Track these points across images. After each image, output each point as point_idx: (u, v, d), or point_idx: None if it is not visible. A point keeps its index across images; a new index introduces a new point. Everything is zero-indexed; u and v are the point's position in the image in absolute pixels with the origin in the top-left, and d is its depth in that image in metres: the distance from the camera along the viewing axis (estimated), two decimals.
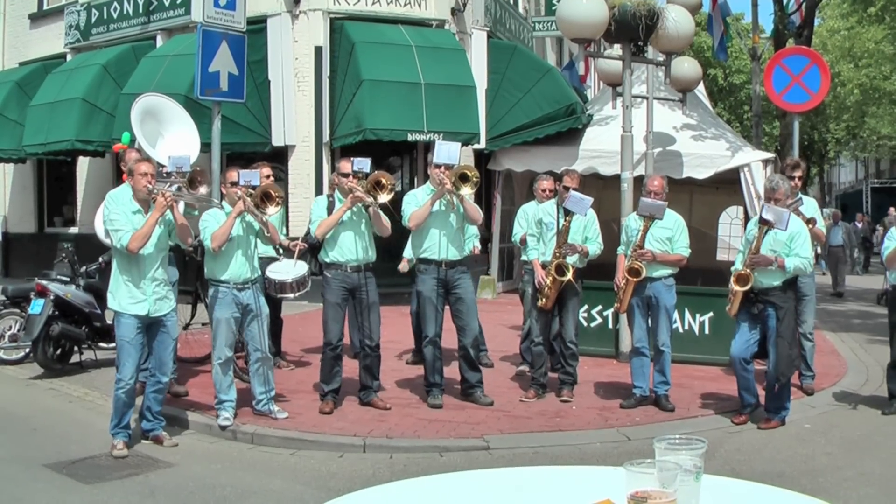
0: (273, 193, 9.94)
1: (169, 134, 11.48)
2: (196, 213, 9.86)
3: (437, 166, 10.51)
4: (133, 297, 9.04)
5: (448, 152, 10.51)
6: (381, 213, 10.37)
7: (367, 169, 10.47)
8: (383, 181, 10.32)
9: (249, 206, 9.75)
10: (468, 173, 10.42)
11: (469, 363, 11.06)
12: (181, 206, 9.42)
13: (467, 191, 10.41)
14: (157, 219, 8.93)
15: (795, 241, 10.02)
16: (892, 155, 61.89)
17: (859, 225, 37.69)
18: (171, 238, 9.34)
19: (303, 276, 11.46)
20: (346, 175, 10.42)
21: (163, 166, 10.12)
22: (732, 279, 10.05)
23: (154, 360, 9.44)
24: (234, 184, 10.01)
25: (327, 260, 10.54)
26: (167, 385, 9.71)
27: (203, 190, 9.78)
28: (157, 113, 11.59)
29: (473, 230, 11.93)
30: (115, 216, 8.99)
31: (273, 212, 9.98)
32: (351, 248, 10.45)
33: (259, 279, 10.40)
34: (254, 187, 9.86)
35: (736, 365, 10.35)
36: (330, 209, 10.52)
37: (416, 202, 10.66)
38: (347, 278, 10.47)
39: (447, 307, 10.93)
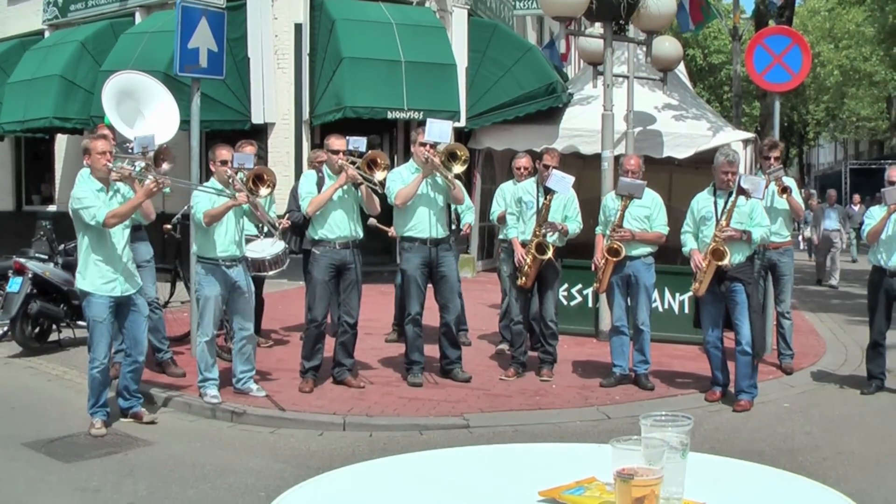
0: (266, 177, 9.89)
1: (149, 112, 11.39)
2: (168, 191, 9.78)
3: (424, 144, 10.48)
4: (104, 276, 8.97)
5: (440, 130, 10.47)
6: (374, 193, 10.34)
7: (363, 148, 10.40)
8: (379, 160, 10.29)
9: (253, 200, 9.72)
10: (458, 152, 10.41)
11: (450, 340, 11.08)
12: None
13: (458, 169, 10.39)
14: (141, 202, 8.87)
15: (756, 210, 10.16)
16: (871, 136, 62.17)
17: (856, 208, 34.29)
18: (136, 216, 9.27)
19: (278, 254, 11.44)
20: (335, 151, 10.35)
21: (129, 142, 10.08)
22: (703, 256, 10.03)
23: (128, 339, 9.39)
24: (224, 163, 9.96)
25: (315, 237, 10.48)
26: (143, 364, 9.63)
27: (165, 167, 9.69)
28: (133, 91, 11.50)
29: (467, 203, 11.93)
30: (83, 194, 8.90)
31: (265, 194, 9.95)
32: (340, 225, 10.40)
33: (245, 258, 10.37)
34: (247, 170, 9.83)
35: (710, 348, 10.41)
36: (320, 185, 10.47)
37: (402, 180, 10.62)
38: (336, 255, 10.42)
39: (431, 286, 10.92)
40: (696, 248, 10.26)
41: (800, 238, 33.14)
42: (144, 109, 11.35)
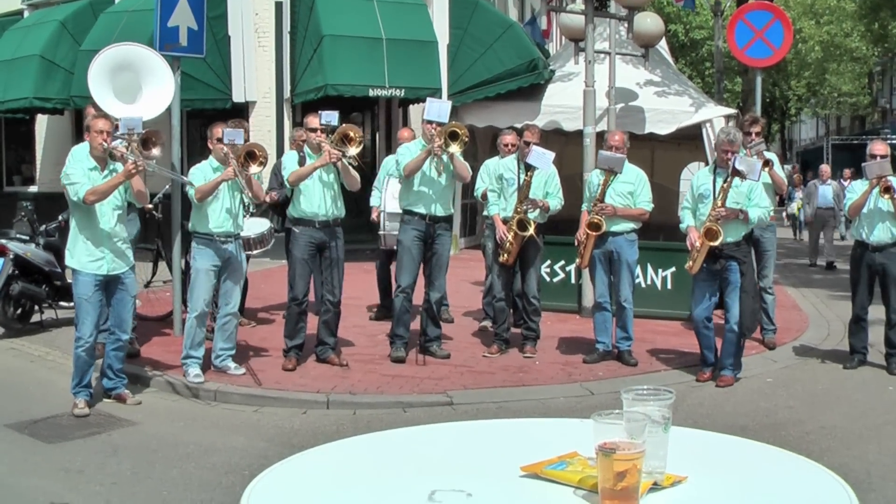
0: (257, 152, 9.88)
1: (147, 85, 11.28)
2: (150, 170, 9.73)
3: (429, 122, 10.51)
4: (91, 254, 8.96)
5: (438, 110, 10.54)
6: (351, 167, 10.32)
7: (335, 122, 10.37)
8: (351, 134, 10.26)
9: (239, 170, 9.69)
10: (458, 131, 10.43)
11: (432, 318, 11.13)
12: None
13: (456, 149, 10.41)
14: (120, 182, 8.87)
15: (755, 191, 10.13)
16: (853, 112, 62.21)
17: (846, 183, 27.83)
18: (128, 196, 9.24)
19: (262, 233, 11.45)
20: (313, 130, 10.33)
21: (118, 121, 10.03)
22: (698, 234, 10.04)
23: (113, 317, 9.37)
24: (220, 140, 9.96)
25: (296, 215, 10.46)
26: (127, 343, 9.65)
27: (156, 151, 9.62)
28: (130, 64, 11.38)
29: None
30: (72, 170, 8.91)
31: (256, 170, 9.93)
32: (320, 203, 10.37)
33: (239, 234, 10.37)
34: (237, 145, 9.81)
35: (699, 325, 10.39)
36: (301, 164, 10.44)
37: (411, 153, 10.73)
38: (316, 234, 10.40)
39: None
40: (693, 226, 10.24)
41: (783, 215, 33.17)
42: (143, 82, 11.27)
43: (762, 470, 3.01)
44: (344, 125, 10.42)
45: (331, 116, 10.38)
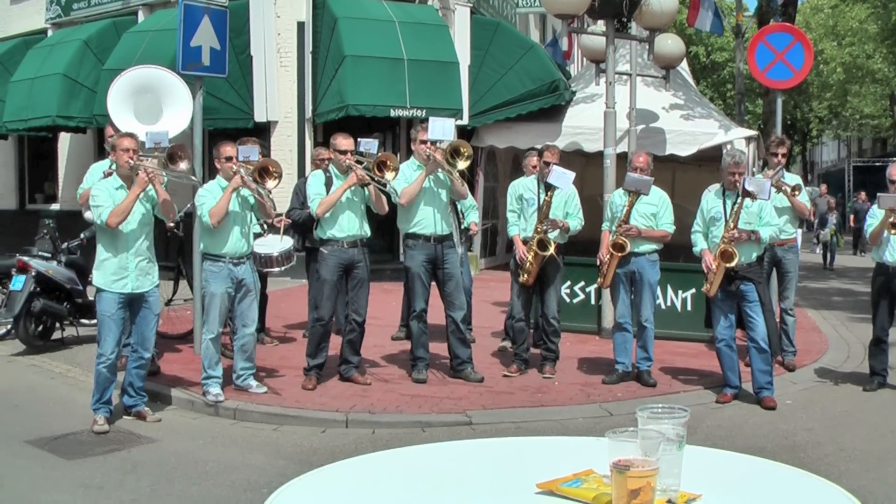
0: (271, 168, 9.92)
1: (168, 107, 11.37)
2: (194, 179, 9.79)
3: (425, 142, 10.51)
4: (116, 273, 9.00)
5: (443, 128, 10.49)
6: (381, 192, 10.36)
7: (374, 150, 10.43)
8: (388, 162, 10.30)
9: (248, 181, 9.74)
10: (461, 148, 10.41)
11: (459, 339, 11.03)
12: (163, 181, 9.35)
13: (461, 165, 10.40)
14: (137, 195, 8.89)
15: (765, 210, 10.18)
16: (875, 134, 62.12)
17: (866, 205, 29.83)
18: (155, 213, 9.29)
19: (288, 250, 11.46)
20: (343, 152, 10.35)
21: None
22: (713, 257, 10.04)
23: (136, 335, 9.41)
24: (229, 159, 9.97)
25: (324, 236, 10.47)
26: (149, 361, 9.68)
27: (183, 166, 9.67)
28: (150, 86, 11.47)
29: (470, 201, 11.94)
30: (97, 192, 8.97)
31: (272, 186, 9.96)
32: (348, 225, 10.40)
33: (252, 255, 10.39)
34: (252, 163, 9.85)
35: (722, 348, 10.34)
36: (328, 185, 10.47)
37: (406, 178, 10.63)
38: (344, 254, 10.43)
39: (434, 283, 10.93)
40: (707, 249, 10.25)
41: (814, 240, 32.15)
42: (163, 104, 11.34)
43: (776, 489, 3.02)
44: (382, 153, 10.47)
45: (370, 145, 10.45)
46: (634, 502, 2.55)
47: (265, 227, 11.50)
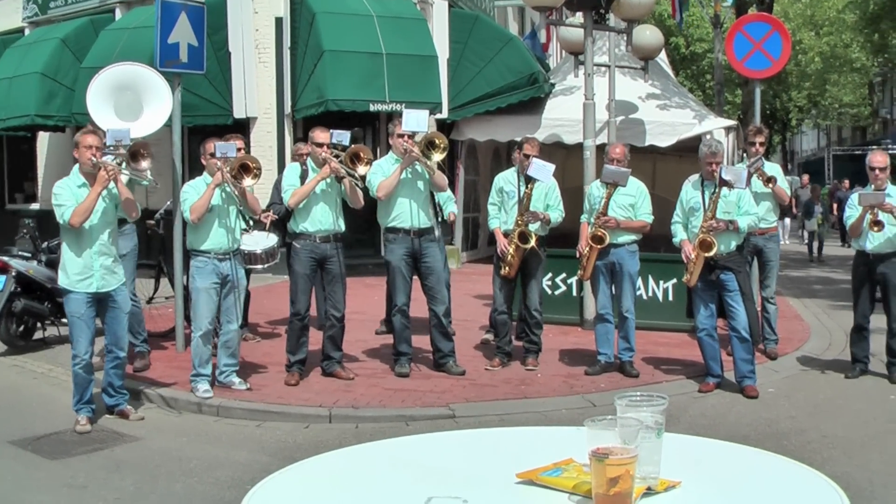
0: (250, 165, 9.90)
1: (149, 104, 11.30)
2: (145, 183, 9.72)
3: (402, 135, 10.49)
4: (81, 273, 8.92)
5: (416, 120, 10.45)
6: (357, 186, 10.34)
7: (346, 142, 10.41)
8: (362, 154, 10.30)
9: (227, 177, 9.72)
10: (436, 140, 10.40)
11: (442, 333, 11.03)
12: (124, 179, 9.28)
13: (437, 157, 10.39)
14: (98, 193, 8.79)
15: (743, 199, 10.22)
16: (854, 123, 62.34)
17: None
18: (118, 212, 9.24)
19: (272, 247, 11.46)
20: (319, 144, 10.33)
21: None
22: (693, 247, 10.08)
23: (108, 335, 9.34)
24: (213, 155, 9.95)
25: (297, 230, 10.47)
26: (125, 359, 9.60)
27: (145, 164, 9.59)
28: (131, 84, 11.40)
29: (447, 194, 11.94)
30: (60, 191, 8.91)
31: (251, 183, 9.94)
32: (321, 219, 10.39)
33: (238, 250, 10.35)
34: (230, 159, 9.82)
35: (703, 337, 10.39)
36: (303, 178, 10.45)
37: (383, 172, 10.60)
38: (317, 249, 10.42)
39: (416, 277, 10.92)
40: (686, 239, 10.31)
41: (801, 232, 31.29)
42: (144, 101, 11.28)
43: (756, 475, 3.03)
44: (354, 145, 10.44)
45: (342, 136, 10.42)
46: (613, 490, 2.56)
47: (251, 222, 11.48)
